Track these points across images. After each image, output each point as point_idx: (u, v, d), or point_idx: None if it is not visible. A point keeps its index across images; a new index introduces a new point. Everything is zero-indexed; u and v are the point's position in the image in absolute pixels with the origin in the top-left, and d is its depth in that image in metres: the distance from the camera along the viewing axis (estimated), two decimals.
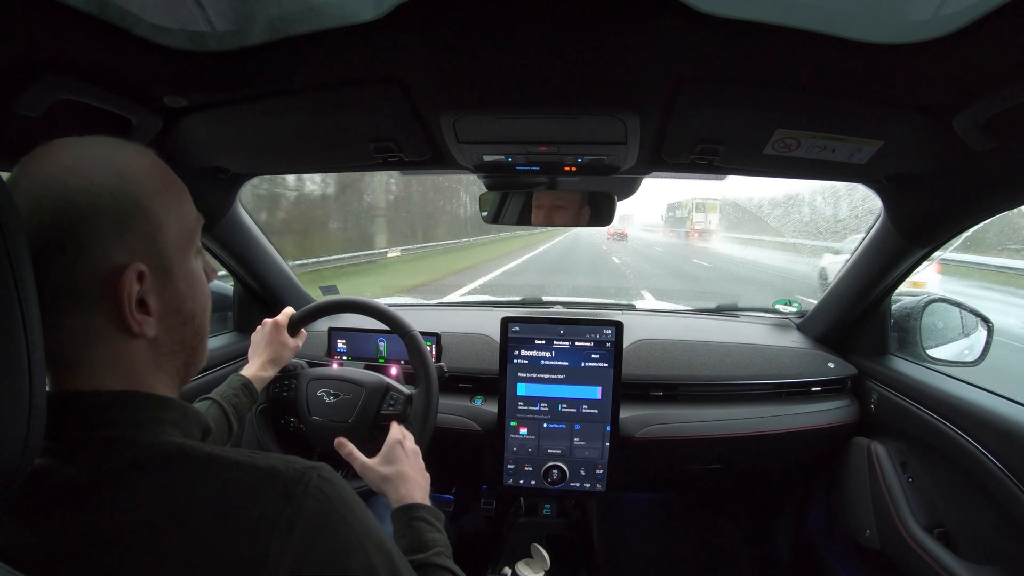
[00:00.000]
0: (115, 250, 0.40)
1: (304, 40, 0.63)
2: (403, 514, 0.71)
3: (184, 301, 0.46)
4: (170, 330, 0.45)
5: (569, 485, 1.21)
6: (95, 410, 0.41)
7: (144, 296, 0.42)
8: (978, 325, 1.21)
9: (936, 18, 0.53)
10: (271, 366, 1.01)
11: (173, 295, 0.45)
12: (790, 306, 1.54)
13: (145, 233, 0.42)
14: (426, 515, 0.71)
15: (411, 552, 0.65)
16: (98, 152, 0.42)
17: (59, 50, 0.59)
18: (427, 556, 0.64)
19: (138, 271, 0.41)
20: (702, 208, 25.32)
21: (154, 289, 0.43)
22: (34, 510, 0.38)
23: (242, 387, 0.92)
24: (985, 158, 0.75)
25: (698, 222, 25.54)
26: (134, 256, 0.41)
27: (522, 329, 1.21)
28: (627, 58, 0.65)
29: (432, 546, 0.66)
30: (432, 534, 0.68)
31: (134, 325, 0.41)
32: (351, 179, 13.68)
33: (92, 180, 0.40)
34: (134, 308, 0.41)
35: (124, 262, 0.41)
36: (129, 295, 0.41)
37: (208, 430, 0.49)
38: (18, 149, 0.43)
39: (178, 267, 0.45)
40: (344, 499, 0.43)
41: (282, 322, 1.05)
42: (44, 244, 0.38)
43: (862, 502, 1.21)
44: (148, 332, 0.43)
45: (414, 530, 0.68)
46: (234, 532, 0.37)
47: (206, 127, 0.85)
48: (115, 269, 0.40)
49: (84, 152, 0.42)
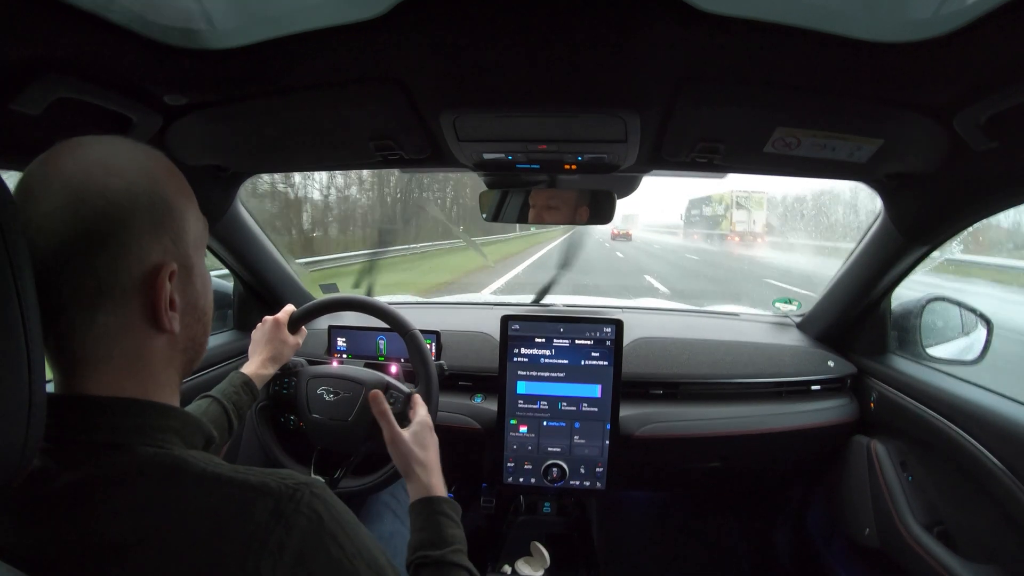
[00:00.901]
0: (153, 250, 0.43)
1: (304, 38, 0.63)
2: (425, 506, 0.70)
3: (200, 298, 0.49)
4: (187, 327, 0.47)
5: (569, 483, 1.21)
6: (98, 415, 0.41)
7: (172, 294, 0.44)
8: (978, 324, 1.21)
9: (937, 17, 0.53)
10: (271, 363, 1.01)
11: (192, 293, 0.47)
12: (790, 304, 1.54)
13: (175, 233, 0.45)
14: (448, 509, 0.70)
15: (430, 547, 0.65)
16: (128, 154, 0.44)
17: (59, 48, 0.59)
18: (445, 553, 0.64)
19: (172, 270, 0.43)
20: (744, 204, 20.49)
21: (179, 288, 0.45)
22: (33, 512, 0.38)
23: (242, 385, 0.92)
24: (985, 157, 0.75)
25: (739, 222, 20.73)
26: (167, 255, 0.44)
27: (522, 327, 1.21)
28: (627, 56, 0.65)
29: (452, 543, 0.66)
30: (452, 530, 0.68)
31: (166, 321, 0.43)
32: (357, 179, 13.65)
33: (131, 181, 0.42)
34: (167, 304, 0.43)
35: (161, 261, 0.43)
36: (166, 293, 0.43)
37: (211, 438, 0.50)
38: (18, 147, 0.43)
39: (196, 267, 0.48)
40: (336, 517, 0.43)
41: (282, 320, 1.05)
42: (88, 242, 0.40)
43: (862, 501, 1.21)
44: (175, 327, 0.45)
45: (436, 524, 0.68)
46: (225, 551, 0.37)
47: (206, 125, 0.85)
48: (153, 268, 0.42)
49: (116, 153, 0.43)
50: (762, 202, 20.13)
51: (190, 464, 0.41)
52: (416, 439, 0.79)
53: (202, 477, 0.40)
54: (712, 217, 21.16)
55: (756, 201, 20.06)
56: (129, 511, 0.38)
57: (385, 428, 0.79)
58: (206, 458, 0.43)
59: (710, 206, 21.75)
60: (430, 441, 0.80)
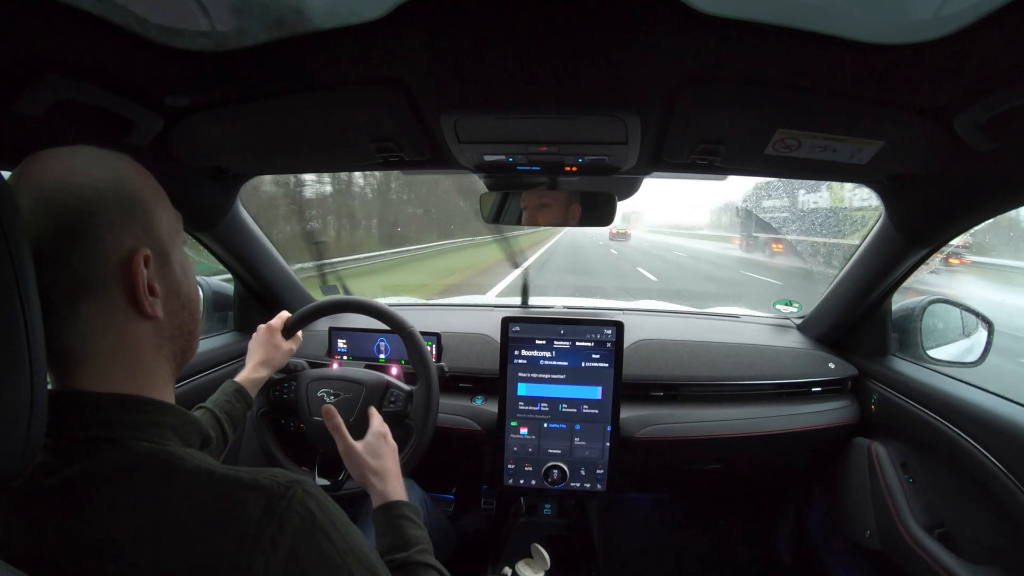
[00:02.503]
0: (124, 237, 0.44)
1: (305, 40, 0.63)
2: (385, 513, 0.71)
3: (181, 285, 0.50)
4: (171, 313, 0.48)
5: (569, 485, 1.21)
6: (94, 410, 0.42)
7: (151, 280, 0.45)
8: (978, 325, 1.21)
9: (937, 18, 0.53)
10: (263, 367, 1.01)
11: (172, 279, 0.48)
12: (790, 306, 1.54)
13: (145, 222, 0.46)
14: (407, 512, 0.71)
15: (394, 551, 0.65)
16: (91, 156, 0.45)
17: (60, 50, 0.59)
18: (410, 554, 0.65)
19: (145, 255, 0.44)
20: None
21: (157, 274, 0.46)
22: (29, 508, 0.39)
23: (235, 393, 0.93)
24: (986, 158, 0.75)
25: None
26: (139, 242, 0.45)
27: (522, 329, 1.21)
28: (628, 58, 0.65)
29: (415, 544, 0.67)
30: (414, 531, 0.69)
31: (147, 306, 0.44)
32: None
33: (96, 177, 0.43)
34: (146, 289, 0.44)
35: (133, 247, 0.44)
36: (142, 277, 0.44)
37: (208, 439, 0.50)
38: (19, 149, 0.43)
39: (173, 254, 0.49)
40: (328, 515, 0.43)
41: (276, 326, 1.06)
42: (61, 239, 0.41)
43: (862, 502, 1.21)
44: (158, 312, 0.46)
45: (396, 528, 0.69)
46: (218, 548, 0.38)
47: (207, 127, 0.85)
48: (127, 254, 0.43)
49: (78, 157, 0.45)
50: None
51: (184, 461, 0.42)
52: (368, 449, 0.80)
53: (195, 474, 0.41)
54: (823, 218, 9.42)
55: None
56: (123, 507, 0.38)
57: (339, 441, 0.80)
58: (200, 456, 0.44)
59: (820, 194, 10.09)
60: (385, 450, 0.81)
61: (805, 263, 9.18)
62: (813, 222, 7.56)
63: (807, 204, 7.54)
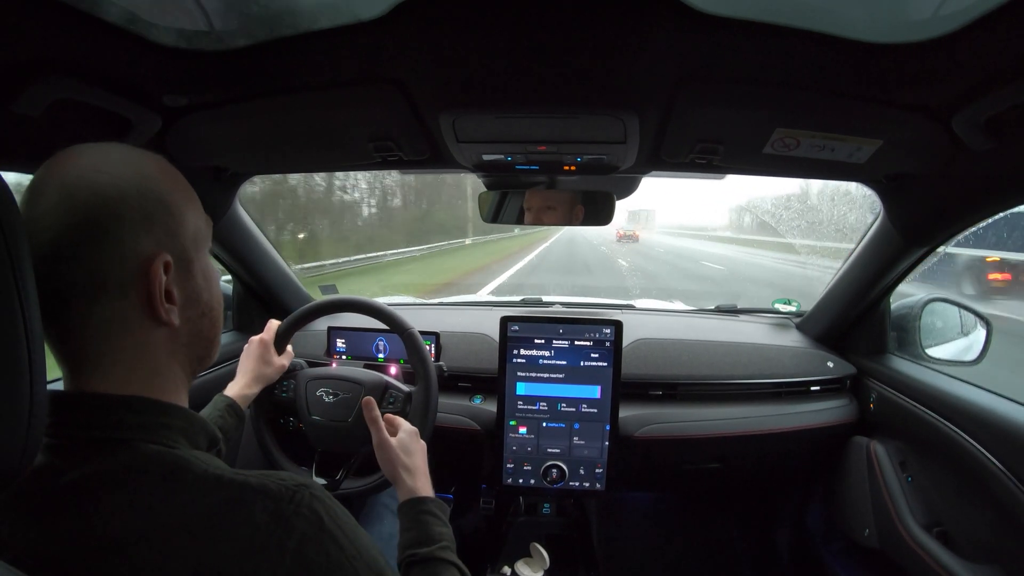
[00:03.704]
0: (144, 241, 0.43)
1: (303, 39, 0.63)
2: (412, 508, 0.72)
3: (202, 293, 0.49)
4: (189, 320, 0.47)
5: (568, 484, 1.21)
6: (103, 411, 0.42)
7: (169, 286, 0.44)
8: (977, 324, 1.21)
9: (936, 17, 0.53)
10: (255, 383, 1.00)
11: (193, 287, 0.47)
12: (789, 305, 1.54)
13: (168, 226, 0.45)
14: (434, 508, 0.72)
15: (418, 545, 0.66)
16: (118, 154, 0.45)
17: (58, 50, 0.59)
18: (432, 550, 0.65)
19: (165, 261, 0.43)
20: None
21: (177, 280, 0.45)
22: (36, 509, 0.38)
23: (227, 408, 0.91)
24: (985, 158, 0.75)
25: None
26: (160, 247, 0.44)
27: (521, 328, 1.21)
28: (626, 57, 0.65)
29: (438, 540, 0.67)
30: (439, 528, 0.69)
31: (163, 312, 0.44)
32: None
33: (119, 176, 0.43)
34: (163, 296, 0.43)
35: (153, 252, 0.43)
36: (160, 283, 0.43)
37: (215, 440, 0.50)
38: (17, 148, 0.43)
39: (196, 261, 0.48)
40: (335, 518, 0.43)
41: (268, 340, 1.04)
42: (79, 237, 0.40)
43: (861, 501, 1.21)
44: (174, 320, 0.45)
45: (422, 523, 0.69)
46: (224, 552, 0.37)
47: (206, 126, 0.85)
48: (146, 259, 0.43)
49: (106, 154, 0.44)
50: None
51: (191, 464, 0.41)
52: (402, 445, 0.80)
53: (203, 478, 0.41)
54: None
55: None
56: (130, 509, 0.38)
57: (374, 433, 0.81)
58: (208, 459, 0.43)
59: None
60: (416, 448, 0.82)
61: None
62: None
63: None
